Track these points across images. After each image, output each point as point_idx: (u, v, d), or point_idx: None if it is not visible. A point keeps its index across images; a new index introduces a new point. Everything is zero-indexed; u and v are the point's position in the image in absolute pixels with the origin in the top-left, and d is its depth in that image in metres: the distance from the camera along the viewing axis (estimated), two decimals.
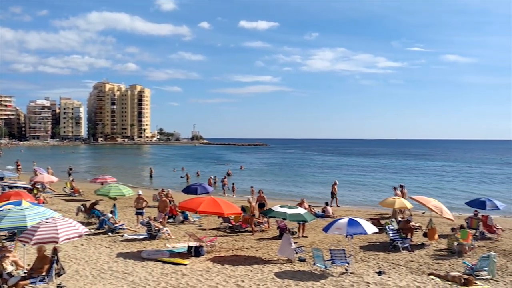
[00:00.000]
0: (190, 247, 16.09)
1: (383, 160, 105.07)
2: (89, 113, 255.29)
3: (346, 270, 13.91)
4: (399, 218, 21.05)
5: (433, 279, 13.28)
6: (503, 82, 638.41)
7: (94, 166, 79.30)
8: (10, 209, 13.85)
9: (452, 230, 17.74)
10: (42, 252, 11.58)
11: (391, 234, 17.92)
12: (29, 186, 30.91)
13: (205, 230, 19.80)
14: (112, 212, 21.88)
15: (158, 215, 20.99)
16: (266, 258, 15.76)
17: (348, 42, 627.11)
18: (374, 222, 20.70)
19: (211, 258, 15.58)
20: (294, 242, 16.07)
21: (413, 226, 19.18)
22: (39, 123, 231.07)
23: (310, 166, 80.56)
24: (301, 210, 16.84)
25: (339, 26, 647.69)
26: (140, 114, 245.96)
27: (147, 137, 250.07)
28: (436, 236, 18.50)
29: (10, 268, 11.50)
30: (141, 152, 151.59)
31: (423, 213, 18.99)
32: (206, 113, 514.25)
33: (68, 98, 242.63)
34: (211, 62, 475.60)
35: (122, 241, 18.12)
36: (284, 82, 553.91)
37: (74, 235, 11.46)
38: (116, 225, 19.95)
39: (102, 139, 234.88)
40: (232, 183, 39.09)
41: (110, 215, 20.76)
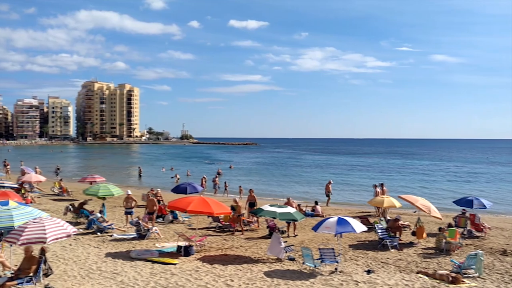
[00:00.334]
0: (179, 247, 16.04)
1: (371, 159, 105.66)
2: (77, 112, 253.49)
3: (336, 269, 13.96)
4: (388, 217, 21.16)
5: (421, 278, 13.39)
6: (491, 82, 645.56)
7: (83, 166, 78.84)
8: None
9: (439, 229, 17.88)
10: (30, 252, 11.48)
11: (380, 233, 18.01)
12: (16, 186, 30.60)
13: (194, 229, 19.77)
14: (101, 211, 21.76)
15: (144, 216, 20.59)
16: (255, 258, 15.76)
17: (337, 42, 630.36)
18: (363, 221, 20.82)
19: (201, 257, 15.55)
20: (284, 241, 16.10)
21: (401, 225, 19.29)
22: (27, 122, 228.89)
23: (299, 166, 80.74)
24: (290, 209, 16.85)
25: (329, 26, 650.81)
26: (129, 113, 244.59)
27: (136, 136, 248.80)
28: (424, 234, 18.65)
29: None
30: (130, 151, 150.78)
31: (414, 212, 19.10)
32: (195, 112, 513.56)
33: (56, 97, 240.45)
34: (201, 61, 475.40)
35: (111, 241, 18.01)
36: (273, 82, 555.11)
37: (62, 235, 11.37)
38: (105, 224, 19.83)
39: (91, 139, 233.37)
40: (224, 182, 38.96)
41: (99, 215, 20.64)
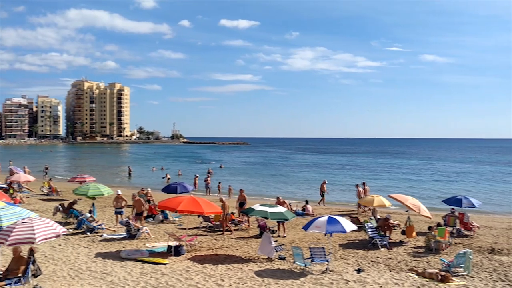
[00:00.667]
0: (169, 247, 16.01)
1: (360, 158, 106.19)
2: (67, 111, 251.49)
3: (327, 269, 13.98)
4: (378, 216, 21.26)
5: (411, 276, 13.47)
6: (479, 82, 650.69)
7: (73, 165, 78.35)
8: None
9: (429, 228, 17.99)
10: (18, 253, 11.39)
11: (370, 232, 18.09)
12: (4, 186, 30.37)
13: (185, 229, 19.72)
14: (90, 211, 21.65)
15: (132, 217, 20.35)
16: (246, 257, 15.76)
17: (328, 42, 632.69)
18: (353, 220, 20.92)
19: (191, 257, 15.52)
20: (274, 241, 16.12)
21: (391, 224, 19.39)
22: (16, 122, 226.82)
23: (289, 165, 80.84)
24: (282, 209, 16.86)
25: (319, 26, 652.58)
26: (119, 113, 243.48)
27: (127, 136, 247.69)
28: (414, 233, 18.75)
29: None
30: (120, 151, 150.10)
31: (407, 211, 19.21)
32: (186, 111, 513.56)
33: (45, 96, 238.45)
34: (192, 61, 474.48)
35: (101, 241, 17.92)
36: (264, 81, 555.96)
37: (51, 235, 11.28)
38: (94, 224, 19.72)
39: (81, 138, 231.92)
40: (218, 182, 38.85)
41: (88, 215, 20.52)
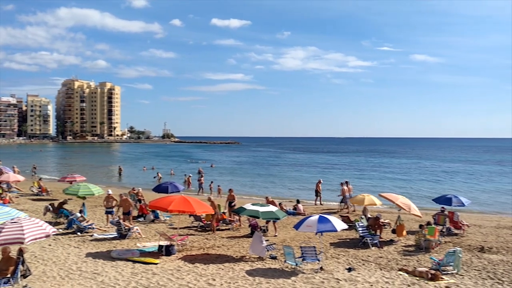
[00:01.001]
0: (160, 246, 15.96)
1: (350, 158, 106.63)
2: (57, 110, 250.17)
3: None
4: (369, 215, 21.36)
5: (401, 275, 13.54)
6: (469, 82, 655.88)
7: (63, 165, 77.87)
8: None
9: (419, 226, 18.10)
10: (7, 253, 11.29)
11: (361, 231, 18.16)
12: None
13: (176, 229, 19.66)
14: (81, 211, 21.52)
15: (124, 216, 20.27)
16: (237, 256, 15.76)
17: (319, 41, 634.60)
18: (344, 219, 21.00)
19: (182, 257, 15.49)
20: (265, 240, 16.13)
21: (382, 223, 19.49)
22: (5, 121, 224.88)
23: (280, 165, 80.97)
24: (273, 208, 16.88)
25: (311, 26, 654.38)
26: (110, 112, 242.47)
27: (117, 135, 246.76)
28: (404, 232, 18.87)
29: None
30: (111, 150, 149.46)
31: (399, 210, 19.33)
32: (177, 111, 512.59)
33: (35, 96, 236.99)
34: (183, 60, 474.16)
35: (92, 240, 17.83)
36: (256, 80, 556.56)
37: (41, 235, 11.19)
38: (85, 224, 19.61)
39: (71, 137, 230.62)
40: (210, 182, 38.75)
41: (79, 215, 20.41)
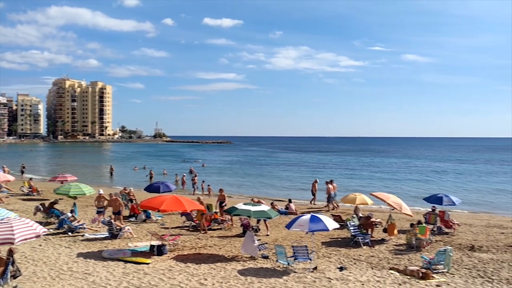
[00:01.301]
0: (152, 246, 15.92)
1: (341, 157, 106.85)
2: (48, 110, 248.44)
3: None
4: (360, 214, 21.43)
5: (392, 274, 13.61)
6: (460, 81, 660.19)
7: (54, 164, 77.41)
8: None
9: (410, 225, 18.19)
10: None
11: (352, 230, 18.23)
12: None
13: (167, 228, 19.63)
14: (72, 211, 21.41)
15: (114, 216, 20.16)
16: (229, 256, 15.76)
17: (311, 41, 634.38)
18: (336, 218, 21.07)
19: (174, 256, 15.46)
20: (257, 240, 16.14)
21: (373, 222, 19.56)
22: None
23: (271, 164, 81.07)
24: (264, 207, 16.89)
25: (302, 25, 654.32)
26: (101, 111, 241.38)
27: (109, 134, 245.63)
28: (395, 231, 18.94)
29: None
30: (102, 150, 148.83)
31: (392, 209, 19.41)
32: (169, 110, 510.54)
33: (26, 95, 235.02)
34: (175, 59, 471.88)
35: (83, 240, 17.75)
36: (248, 80, 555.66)
37: (31, 236, 11.12)
38: (76, 224, 19.50)
39: (62, 137, 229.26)
40: (202, 181, 38.59)
41: (70, 215, 20.30)
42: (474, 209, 31.29)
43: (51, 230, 18.94)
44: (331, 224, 14.80)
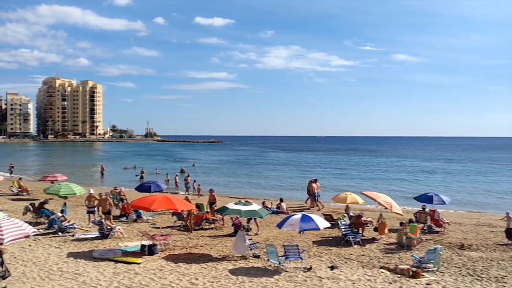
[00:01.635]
0: (143, 246, 15.86)
1: (331, 156, 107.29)
2: (38, 109, 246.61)
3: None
4: (351, 214, 21.51)
5: (383, 272, 13.67)
6: (449, 81, 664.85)
7: (44, 164, 76.87)
8: None
9: (400, 224, 18.27)
10: None
11: (343, 229, 18.29)
12: None
13: (158, 228, 19.57)
14: (62, 211, 21.26)
15: (105, 216, 20.05)
16: (220, 256, 15.74)
17: (302, 41, 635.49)
18: (327, 217, 21.13)
19: (165, 256, 15.42)
20: (249, 239, 16.14)
21: (364, 221, 19.64)
22: None
23: (262, 163, 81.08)
24: (255, 206, 16.91)
25: (294, 25, 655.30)
26: (92, 111, 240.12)
27: (99, 134, 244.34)
28: (386, 230, 19.03)
29: None
30: (93, 149, 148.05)
31: (385, 209, 19.51)
32: (160, 109, 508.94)
33: (15, 94, 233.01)
34: (166, 58, 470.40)
35: (73, 240, 17.65)
36: (239, 79, 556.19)
37: (20, 236, 11.04)
38: (66, 224, 19.38)
39: (52, 136, 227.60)
40: (193, 181, 38.40)
41: (60, 214, 20.17)
42: (463, 208, 31.47)
43: (41, 230, 18.81)
44: (322, 223, 14.84)
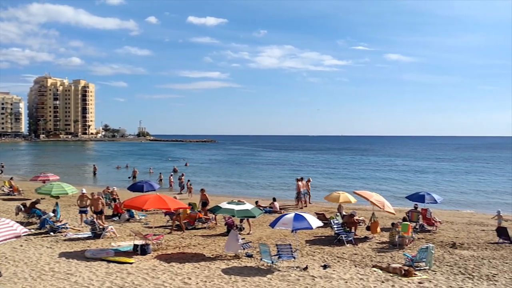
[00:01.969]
0: (136, 246, 15.82)
1: (323, 156, 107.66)
2: (29, 108, 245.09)
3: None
4: (344, 213, 21.58)
5: (375, 271, 13.73)
6: (442, 81, 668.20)
7: (35, 164, 76.42)
8: None
9: (392, 225, 18.33)
10: None
11: (336, 228, 18.35)
12: None
13: (151, 228, 19.51)
14: (54, 211, 21.16)
15: (97, 216, 19.93)
16: (213, 255, 15.73)
17: (295, 40, 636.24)
18: (320, 216, 21.18)
19: (158, 256, 15.39)
20: (242, 238, 16.14)
21: (356, 220, 19.70)
22: None
23: (254, 163, 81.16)
24: (248, 206, 16.90)
25: (287, 24, 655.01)
26: (84, 110, 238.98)
27: (92, 133, 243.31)
28: (378, 229, 19.12)
29: None
30: (85, 149, 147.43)
31: (380, 208, 19.57)
32: (153, 109, 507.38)
33: (6, 93, 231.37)
34: (159, 58, 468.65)
35: (65, 240, 17.57)
36: (232, 79, 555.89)
37: (11, 236, 10.99)
38: (58, 224, 19.28)
39: (44, 136, 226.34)
40: (187, 180, 38.20)
41: (52, 214, 20.07)
42: (455, 207, 31.66)
43: (33, 230, 18.70)
44: (315, 222, 14.88)
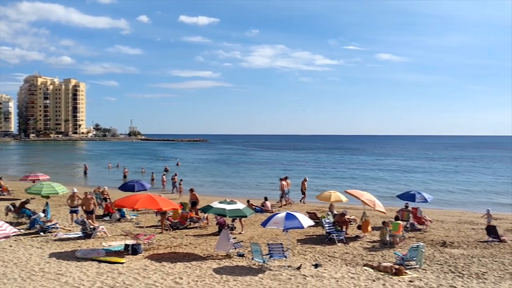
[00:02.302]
0: (127, 245, 15.76)
1: (313, 155, 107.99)
2: (19, 107, 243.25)
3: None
4: (335, 212, 21.63)
5: (366, 270, 13.80)
6: (433, 80, 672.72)
7: (25, 163, 75.82)
8: None
9: (383, 223, 18.41)
10: None
11: (327, 227, 18.41)
12: None
13: (142, 227, 19.46)
14: (44, 211, 21.02)
15: (86, 216, 19.79)
16: (205, 255, 15.71)
17: (287, 40, 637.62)
18: (311, 215, 21.23)
19: (149, 256, 15.35)
20: (233, 238, 16.14)
21: (348, 219, 19.76)
22: None
23: (245, 162, 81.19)
24: (240, 205, 16.91)
25: (279, 24, 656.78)
26: (74, 109, 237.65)
27: (82, 133, 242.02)
28: (369, 228, 19.20)
29: None
30: (75, 148, 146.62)
31: (374, 208, 19.65)
32: (144, 108, 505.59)
33: None
34: (150, 57, 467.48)
35: (55, 240, 17.46)
36: (224, 78, 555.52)
37: (0, 236, 10.89)
38: (48, 224, 19.16)
39: (34, 135, 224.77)
40: (180, 180, 37.97)
41: (42, 214, 19.94)
42: (445, 206, 31.86)
43: (22, 231, 18.59)
44: (306, 221, 14.91)
